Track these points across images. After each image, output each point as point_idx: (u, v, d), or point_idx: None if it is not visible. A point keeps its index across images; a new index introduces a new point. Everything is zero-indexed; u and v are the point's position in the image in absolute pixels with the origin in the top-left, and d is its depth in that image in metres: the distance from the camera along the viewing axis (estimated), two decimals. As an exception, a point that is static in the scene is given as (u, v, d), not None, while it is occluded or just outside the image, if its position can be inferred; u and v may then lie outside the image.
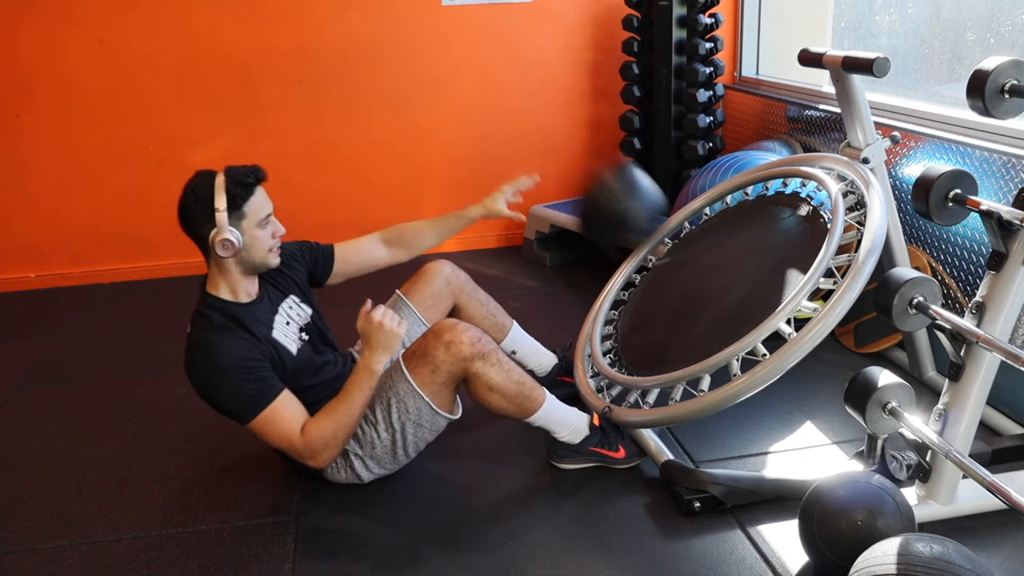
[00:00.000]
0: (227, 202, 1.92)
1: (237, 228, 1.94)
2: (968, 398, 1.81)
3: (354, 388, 1.99)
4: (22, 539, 2.07)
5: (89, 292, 3.89)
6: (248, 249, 1.98)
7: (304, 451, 1.98)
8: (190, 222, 1.97)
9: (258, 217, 1.98)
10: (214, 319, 1.97)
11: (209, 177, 1.95)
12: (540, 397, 2.14)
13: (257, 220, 1.98)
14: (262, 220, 1.99)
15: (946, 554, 1.45)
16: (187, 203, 1.96)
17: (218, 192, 1.92)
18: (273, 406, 1.94)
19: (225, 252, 1.93)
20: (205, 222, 1.93)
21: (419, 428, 2.10)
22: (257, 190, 1.99)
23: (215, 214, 1.92)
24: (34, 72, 3.73)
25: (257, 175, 1.98)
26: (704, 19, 3.69)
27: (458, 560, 1.91)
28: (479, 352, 2.04)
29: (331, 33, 3.89)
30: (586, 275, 3.76)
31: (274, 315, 2.08)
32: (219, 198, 1.92)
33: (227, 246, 1.92)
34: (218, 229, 1.92)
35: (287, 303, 2.15)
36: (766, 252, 2.33)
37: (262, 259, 2.02)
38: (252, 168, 1.98)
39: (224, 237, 1.92)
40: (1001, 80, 1.78)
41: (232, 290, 2.02)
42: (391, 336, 1.98)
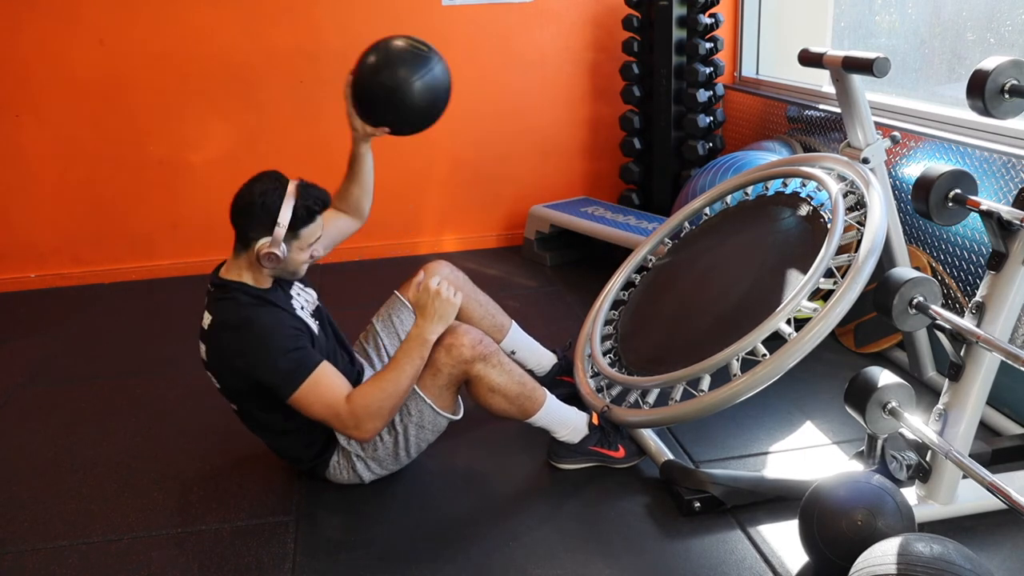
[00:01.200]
0: (290, 220, 1.92)
1: (287, 246, 1.95)
2: (968, 398, 1.81)
3: (404, 357, 1.97)
4: (22, 539, 2.07)
5: (89, 292, 3.89)
6: (285, 263, 1.99)
7: (349, 420, 1.94)
8: (246, 220, 1.95)
9: (307, 243, 2.00)
10: (242, 299, 1.98)
11: (281, 185, 1.94)
12: (541, 398, 2.14)
13: (306, 245, 2.00)
14: (310, 244, 2.01)
15: (946, 554, 1.45)
16: (251, 201, 1.93)
17: (286, 205, 1.91)
18: (316, 374, 1.93)
19: (268, 264, 1.94)
20: (261, 228, 1.93)
21: (421, 430, 2.10)
22: (319, 218, 1.99)
23: (275, 227, 1.91)
24: (34, 72, 3.73)
25: (325, 202, 1.99)
26: (704, 19, 3.70)
27: (458, 560, 1.91)
28: (480, 354, 2.04)
29: (331, 33, 3.89)
30: (586, 275, 3.76)
31: (290, 300, 2.10)
32: (285, 212, 1.91)
33: (272, 259, 1.93)
34: (272, 241, 1.92)
35: (295, 289, 2.16)
36: (766, 252, 2.33)
37: (293, 271, 2.04)
38: (323, 194, 1.98)
39: (272, 251, 1.92)
40: (1001, 80, 1.78)
41: (254, 280, 2.03)
42: (447, 305, 1.97)
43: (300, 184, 1.96)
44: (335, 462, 2.13)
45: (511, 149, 4.19)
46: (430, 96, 2.14)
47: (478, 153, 4.16)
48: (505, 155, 4.18)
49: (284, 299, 2.07)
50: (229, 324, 1.96)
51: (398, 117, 2.15)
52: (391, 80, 2.09)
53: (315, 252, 2.05)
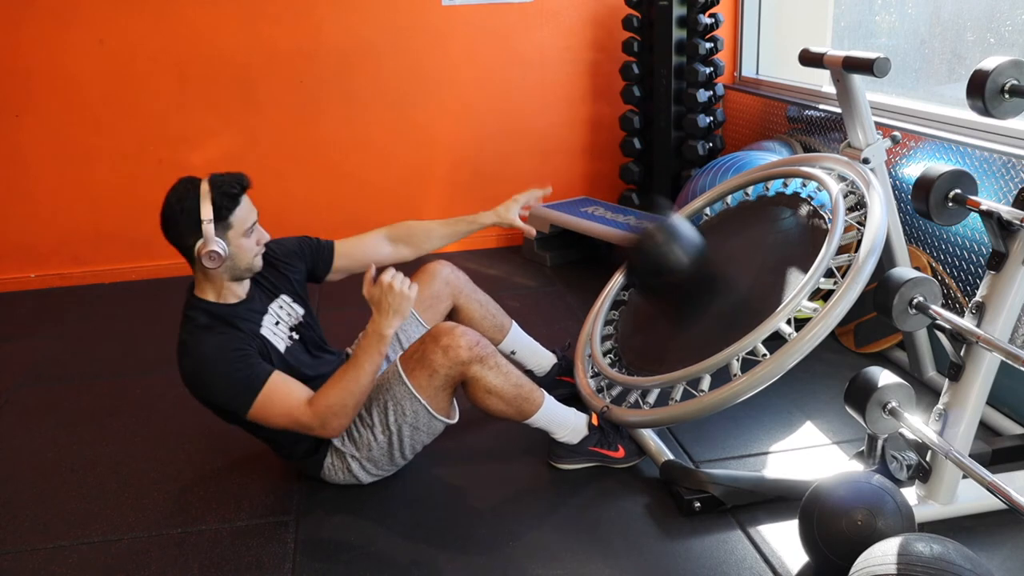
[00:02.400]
0: (213, 212, 1.90)
1: (223, 238, 1.93)
2: (968, 398, 1.81)
3: (362, 354, 1.95)
4: (22, 539, 2.07)
5: (89, 292, 3.89)
6: (234, 258, 1.96)
7: (312, 421, 1.94)
8: (174, 231, 1.94)
9: (244, 227, 1.97)
10: (199, 320, 1.97)
11: (194, 186, 1.92)
12: (539, 399, 2.14)
13: (243, 230, 1.97)
14: (247, 229, 1.98)
15: (946, 554, 1.45)
16: (171, 212, 1.92)
17: (204, 202, 1.89)
18: (268, 386, 1.92)
19: (212, 264, 1.92)
20: (190, 232, 1.91)
21: (416, 431, 2.10)
22: (243, 199, 1.97)
23: (201, 225, 1.89)
24: (34, 72, 3.73)
25: (242, 184, 1.96)
26: (704, 19, 3.70)
27: (458, 560, 1.91)
28: (477, 356, 2.04)
29: (331, 33, 3.89)
30: (586, 275, 3.76)
31: (263, 315, 2.08)
32: (205, 208, 1.89)
33: (214, 257, 1.91)
34: (205, 240, 1.90)
35: (277, 303, 2.14)
36: (766, 252, 2.33)
37: (247, 265, 2.01)
38: (237, 177, 1.96)
39: (211, 249, 1.90)
40: (1001, 80, 1.78)
41: (218, 293, 2.02)
42: (401, 298, 1.94)
43: (212, 176, 1.94)
44: (329, 463, 2.13)
45: (511, 149, 4.19)
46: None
47: (478, 152, 4.16)
48: (505, 155, 4.18)
49: (253, 313, 2.06)
50: (181, 349, 1.98)
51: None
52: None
53: (260, 237, 2.02)
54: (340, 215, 4.07)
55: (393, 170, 4.12)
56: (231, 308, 2.02)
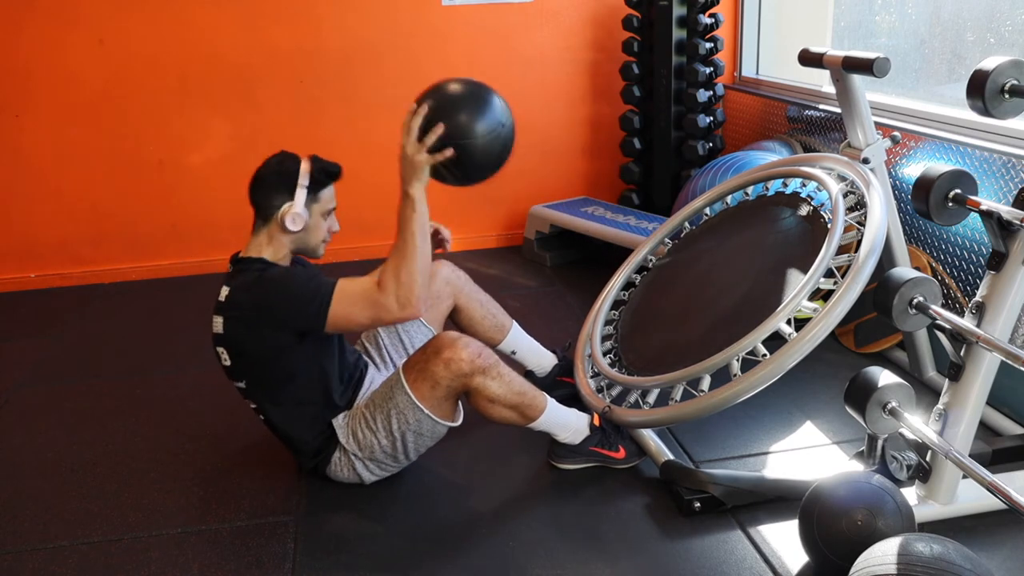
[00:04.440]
0: (309, 182, 2.03)
1: (308, 210, 2.04)
2: (968, 398, 1.81)
3: (402, 221, 1.98)
4: (22, 539, 2.07)
5: (89, 292, 3.89)
6: (308, 231, 2.07)
7: (388, 300, 1.94)
8: (267, 190, 2.04)
9: (327, 207, 2.10)
10: (256, 266, 2.04)
11: (296, 157, 2.07)
12: (541, 404, 2.14)
13: (325, 209, 2.09)
14: (328, 211, 2.10)
15: (946, 554, 1.45)
16: (269, 172, 2.05)
17: (303, 172, 2.03)
18: (339, 289, 1.95)
19: (294, 226, 2.02)
20: (282, 194, 2.02)
21: (419, 436, 2.10)
22: (331, 184, 2.10)
23: (296, 189, 2.02)
24: (34, 72, 3.73)
25: (340, 170, 2.10)
26: (704, 19, 3.70)
27: (458, 560, 1.91)
28: (479, 368, 2.04)
29: (331, 33, 3.89)
30: (586, 275, 3.76)
31: None
32: (303, 177, 2.03)
33: (297, 220, 2.01)
34: (294, 203, 2.01)
35: None
36: (766, 252, 2.33)
37: (315, 246, 2.12)
38: (336, 163, 2.10)
39: (297, 211, 2.01)
40: (1001, 80, 1.78)
41: (275, 256, 2.08)
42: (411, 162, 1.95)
43: (314, 156, 2.08)
44: (336, 458, 2.13)
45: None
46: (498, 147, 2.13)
47: (478, 153, 4.16)
48: (505, 155, 4.18)
49: None
50: (248, 284, 2.01)
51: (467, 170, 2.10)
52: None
53: (333, 226, 2.13)
54: (340, 215, 4.05)
55: (393, 170, 4.08)
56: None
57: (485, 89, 2.09)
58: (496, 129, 2.05)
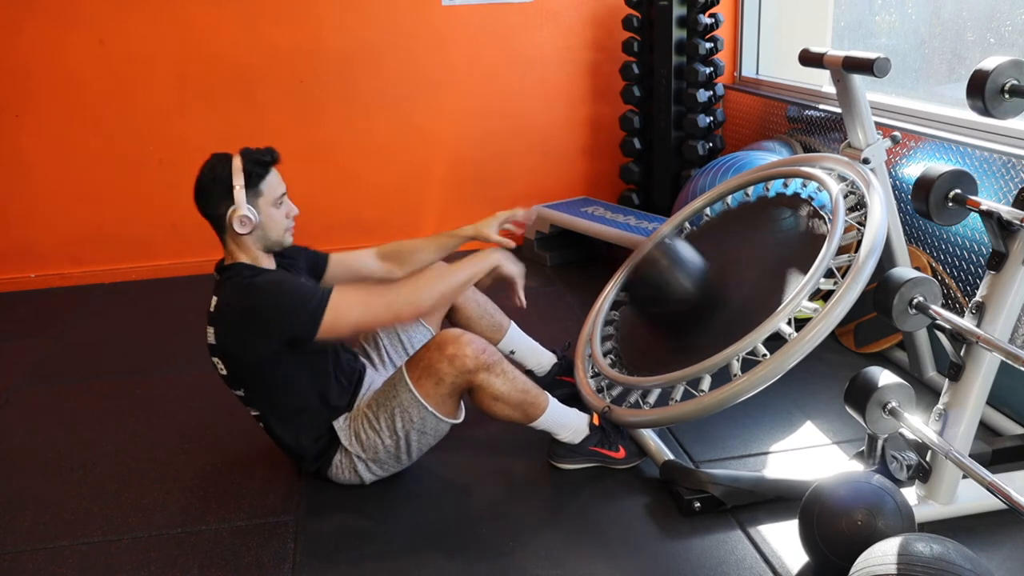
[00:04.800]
0: (244, 180, 1.98)
1: (254, 206, 2.00)
2: (968, 398, 1.81)
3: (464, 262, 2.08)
4: (22, 539, 2.07)
5: (89, 292, 3.89)
6: (264, 227, 2.03)
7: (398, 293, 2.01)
8: (207, 201, 2.01)
9: (274, 196, 2.04)
10: (245, 274, 2.02)
11: (226, 158, 2.01)
12: (544, 403, 2.14)
13: (273, 199, 2.04)
14: (277, 199, 2.05)
15: (946, 554, 1.45)
16: (204, 182, 2.01)
17: (235, 171, 1.98)
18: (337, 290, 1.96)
19: (243, 228, 1.98)
20: (222, 200, 1.98)
21: (423, 435, 2.10)
22: (272, 170, 2.05)
23: (233, 191, 1.97)
24: (34, 72, 3.73)
25: (272, 155, 2.04)
26: (704, 19, 3.70)
27: (458, 560, 1.91)
28: (484, 364, 2.04)
29: (331, 33, 3.89)
30: (586, 275, 3.76)
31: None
32: (236, 176, 1.98)
33: (245, 222, 1.98)
34: (236, 206, 1.97)
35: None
36: (766, 252, 2.33)
37: (278, 236, 2.07)
38: (267, 149, 2.04)
39: (242, 213, 1.97)
40: (1001, 80, 1.78)
41: (253, 259, 2.06)
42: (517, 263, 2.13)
43: (243, 150, 2.02)
44: (337, 460, 2.13)
45: (511, 149, 4.18)
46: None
47: (478, 153, 4.16)
48: (505, 155, 4.18)
49: None
50: (237, 292, 1.99)
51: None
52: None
53: (290, 211, 2.09)
54: (340, 215, 4.08)
55: (393, 170, 4.12)
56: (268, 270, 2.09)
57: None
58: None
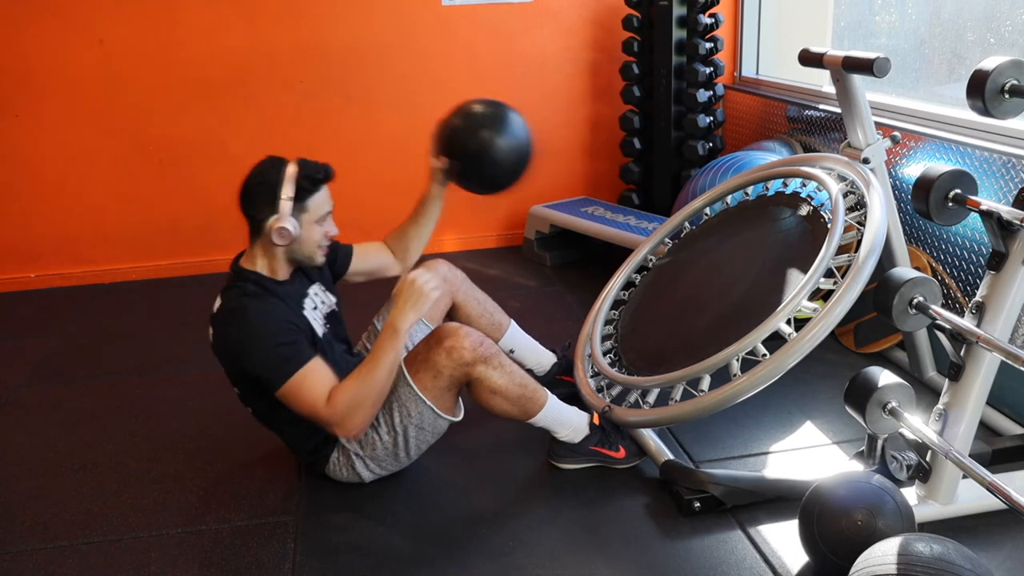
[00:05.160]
0: (294, 192, 1.96)
1: (297, 220, 1.98)
2: (968, 398, 1.81)
3: (378, 350, 1.96)
4: (22, 539, 2.07)
5: (89, 292, 3.89)
6: (301, 242, 2.02)
7: (331, 418, 1.94)
8: (252, 203, 1.99)
9: (319, 214, 2.03)
10: (248, 288, 2.00)
11: (280, 164, 1.99)
12: (542, 398, 2.14)
13: (317, 217, 2.03)
14: (321, 217, 2.03)
15: (946, 554, 1.45)
16: (253, 184, 1.99)
17: (287, 181, 1.96)
18: (304, 370, 1.92)
19: (280, 240, 1.96)
20: (267, 206, 1.97)
21: (421, 431, 2.10)
22: (323, 188, 2.03)
23: (279, 201, 1.95)
24: (34, 72, 3.72)
25: (327, 173, 2.03)
26: (704, 19, 3.70)
27: (458, 560, 1.91)
28: (481, 356, 2.04)
29: (331, 33, 3.89)
30: (586, 275, 3.76)
31: (303, 297, 2.12)
32: (287, 187, 1.96)
33: (284, 235, 1.96)
34: (279, 216, 1.95)
35: (314, 288, 2.18)
36: (766, 252, 2.33)
37: (310, 253, 2.06)
38: (323, 165, 2.02)
39: (283, 225, 1.95)
40: (1001, 80, 1.78)
41: (270, 268, 2.05)
42: (419, 295, 1.96)
43: (300, 160, 2.00)
44: (335, 459, 2.13)
45: (511, 149, 4.18)
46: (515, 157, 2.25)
47: (478, 153, 4.16)
48: (505, 155, 4.17)
49: (295, 295, 2.09)
50: (228, 309, 1.99)
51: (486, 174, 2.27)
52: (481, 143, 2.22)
53: (330, 230, 2.07)
54: (340, 215, 4.05)
55: (393, 170, 4.12)
56: (279, 284, 2.06)
57: (505, 108, 2.24)
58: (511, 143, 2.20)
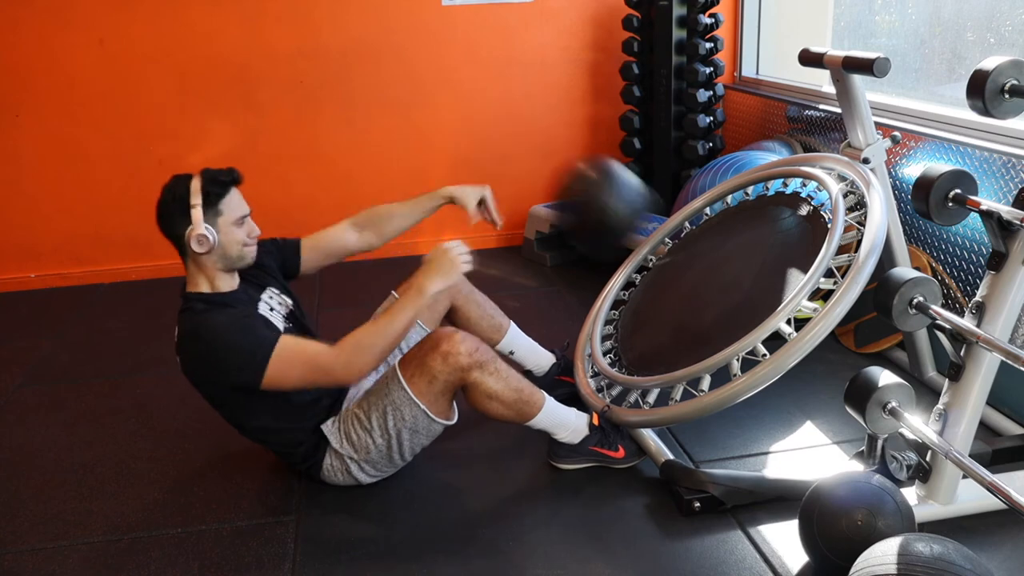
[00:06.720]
0: (202, 199, 1.98)
1: (212, 225, 1.99)
2: (968, 398, 1.81)
3: (399, 305, 1.99)
4: (22, 539, 2.07)
5: (89, 292, 3.89)
6: (223, 246, 2.02)
7: (335, 361, 1.94)
8: (167, 221, 2.01)
9: (234, 216, 2.03)
10: (197, 307, 2.01)
11: (185, 178, 2.02)
12: (539, 401, 2.14)
13: (233, 219, 2.03)
14: (238, 219, 2.04)
15: (946, 554, 1.45)
16: (164, 202, 2.02)
17: (194, 191, 1.98)
18: (279, 347, 1.93)
19: (200, 248, 1.98)
20: (181, 220, 1.98)
21: (415, 434, 2.10)
22: (232, 190, 2.04)
23: (190, 211, 1.97)
24: (33, 72, 3.73)
25: (232, 176, 2.04)
26: (704, 19, 3.70)
27: (458, 560, 1.91)
28: (477, 362, 2.04)
29: (331, 34, 3.89)
30: (586, 275, 3.76)
31: (257, 302, 2.12)
32: (195, 196, 1.98)
33: (202, 241, 1.97)
34: (193, 225, 1.97)
35: (267, 294, 2.18)
36: (766, 252, 2.33)
37: (238, 254, 2.05)
38: (227, 170, 2.05)
39: (199, 232, 1.97)
40: (1001, 80, 1.78)
41: (211, 284, 2.06)
42: (451, 263, 2.00)
43: (203, 170, 2.03)
44: (328, 464, 2.13)
45: (511, 149, 4.18)
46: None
47: (478, 153, 4.16)
48: (505, 155, 4.18)
49: (246, 300, 2.09)
50: (186, 334, 2.00)
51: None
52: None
53: (251, 230, 2.07)
54: (340, 215, 4.03)
55: (393, 170, 4.12)
56: (226, 295, 2.07)
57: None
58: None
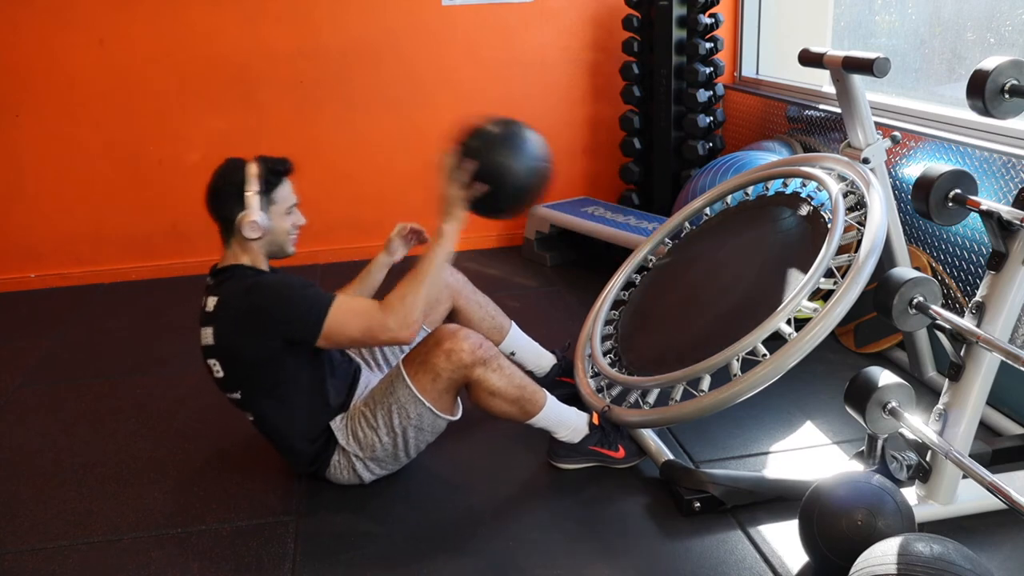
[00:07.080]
0: (258, 187, 2.02)
1: (266, 213, 2.03)
2: (968, 398, 1.81)
3: (429, 250, 2.04)
4: (22, 539, 2.07)
5: (89, 292, 3.89)
6: (272, 233, 2.06)
7: (389, 318, 1.95)
8: (220, 203, 2.05)
9: (285, 205, 2.08)
10: (248, 272, 2.05)
11: (240, 163, 2.06)
12: (541, 400, 2.14)
13: (284, 208, 2.08)
14: (288, 208, 2.09)
15: (946, 554, 1.45)
16: (218, 185, 2.05)
17: (250, 177, 2.02)
18: (338, 300, 1.97)
19: (252, 233, 2.01)
20: (235, 203, 2.02)
21: (420, 432, 2.10)
22: (285, 180, 2.09)
23: (245, 197, 2.00)
24: (33, 72, 3.73)
25: (287, 166, 2.10)
26: (704, 19, 3.70)
27: (458, 560, 1.91)
28: (480, 359, 2.04)
29: (330, 34, 3.89)
30: (586, 275, 3.76)
31: None
32: (251, 183, 2.02)
33: (255, 228, 2.01)
34: (247, 211, 2.00)
35: None
36: (766, 252, 2.33)
37: (283, 243, 2.11)
38: (282, 159, 2.09)
39: (253, 219, 2.00)
40: (1001, 80, 1.78)
41: (253, 262, 2.09)
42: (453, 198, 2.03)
43: (259, 157, 2.07)
44: (335, 461, 2.13)
45: (511, 149, 4.18)
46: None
47: (478, 153, 4.16)
48: (505, 155, 4.17)
49: None
50: (240, 292, 2.00)
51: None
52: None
53: (297, 220, 2.12)
54: (340, 215, 4.07)
55: (393, 171, 4.12)
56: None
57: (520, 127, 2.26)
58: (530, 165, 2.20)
